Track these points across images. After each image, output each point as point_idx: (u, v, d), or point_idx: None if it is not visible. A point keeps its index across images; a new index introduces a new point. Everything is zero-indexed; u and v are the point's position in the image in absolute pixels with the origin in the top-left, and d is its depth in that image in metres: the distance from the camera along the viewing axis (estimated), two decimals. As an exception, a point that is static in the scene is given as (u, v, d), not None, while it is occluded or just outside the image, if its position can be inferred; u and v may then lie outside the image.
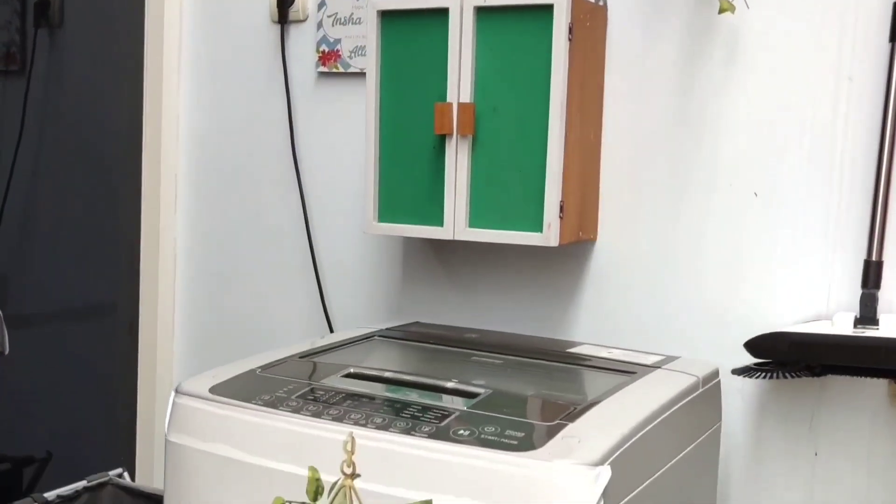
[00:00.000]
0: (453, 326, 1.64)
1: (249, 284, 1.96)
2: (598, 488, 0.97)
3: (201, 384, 1.20)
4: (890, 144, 1.32)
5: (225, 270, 1.99)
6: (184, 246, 2.03)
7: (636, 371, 1.30)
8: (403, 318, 1.74)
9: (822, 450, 1.46)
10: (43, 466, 1.98)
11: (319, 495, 1.08)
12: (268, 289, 1.93)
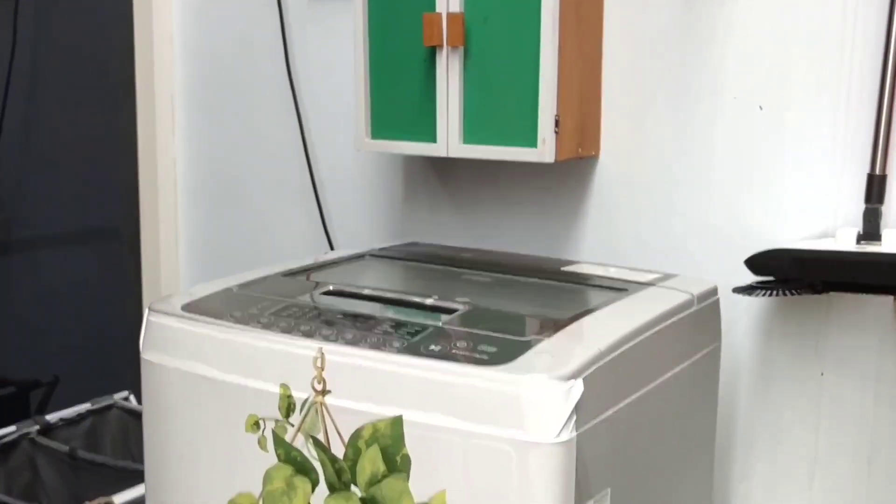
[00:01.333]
0: (450, 246, 1.62)
1: (250, 205, 1.96)
2: (570, 403, 0.95)
3: (174, 302, 1.19)
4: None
5: (225, 192, 1.99)
6: (183, 168, 2.03)
7: (628, 288, 1.27)
8: (404, 239, 1.73)
9: (828, 370, 1.43)
10: (49, 390, 2.01)
11: (291, 412, 1.07)
12: (268, 210, 1.93)
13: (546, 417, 0.95)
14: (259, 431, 1.10)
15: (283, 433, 1.08)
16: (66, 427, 1.81)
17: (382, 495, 1.03)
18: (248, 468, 1.11)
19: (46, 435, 1.76)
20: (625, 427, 1.08)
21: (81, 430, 1.83)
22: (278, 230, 1.93)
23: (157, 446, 1.19)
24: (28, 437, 1.73)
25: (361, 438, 1.03)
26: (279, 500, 1.09)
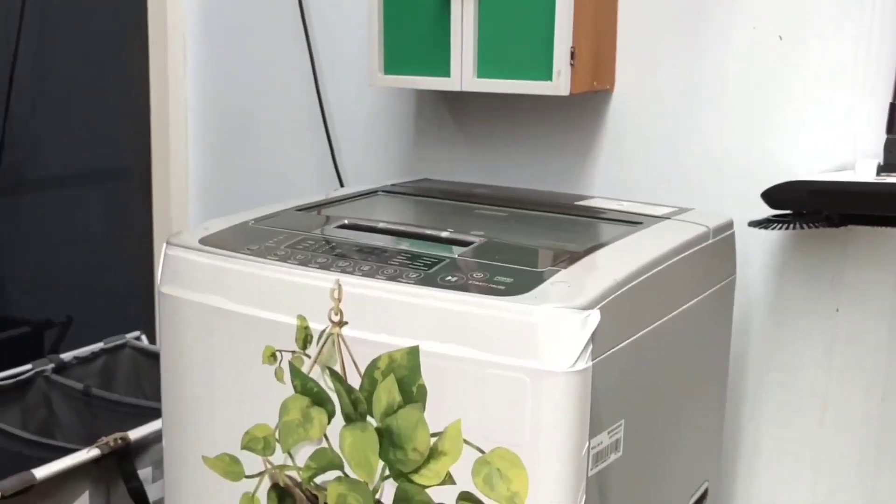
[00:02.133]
0: (462, 182, 1.63)
1: (260, 143, 1.96)
2: (586, 333, 0.96)
3: (192, 235, 1.21)
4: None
5: (235, 131, 1.99)
6: (194, 107, 2.03)
7: (643, 222, 1.28)
8: (415, 176, 1.73)
9: (843, 305, 1.44)
10: (63, 330, 2.03)
11: (308, 343, 1.09)
12: (279, 147, 1.94)
13: (562, 347, 0.96)
14: (276, 363, 1.12)
15: (299, 365, 1.10)
16: (80, 366, 1.83)
17: (398, 425, 1.05)
18: (265, 400, 1.14)
19: (61, 373, 1.79)
20: (639, 359, 1.10)
21: (94, 368, 1.86)
22: (288, 168, 1.94)
23: (175, 380, 1.22)
24: (43, 375, 1.76)
25: (378, 369, 1.05)
26: (295, 431, 1.12)
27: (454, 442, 1.02)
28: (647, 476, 1.17)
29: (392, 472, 1.06)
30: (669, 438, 1.23)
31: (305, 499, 1.13)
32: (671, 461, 1.25)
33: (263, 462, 1.15)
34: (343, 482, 1.09)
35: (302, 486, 1.13)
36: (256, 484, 1.16)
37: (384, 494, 1.07)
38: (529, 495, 0.99)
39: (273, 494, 1.15)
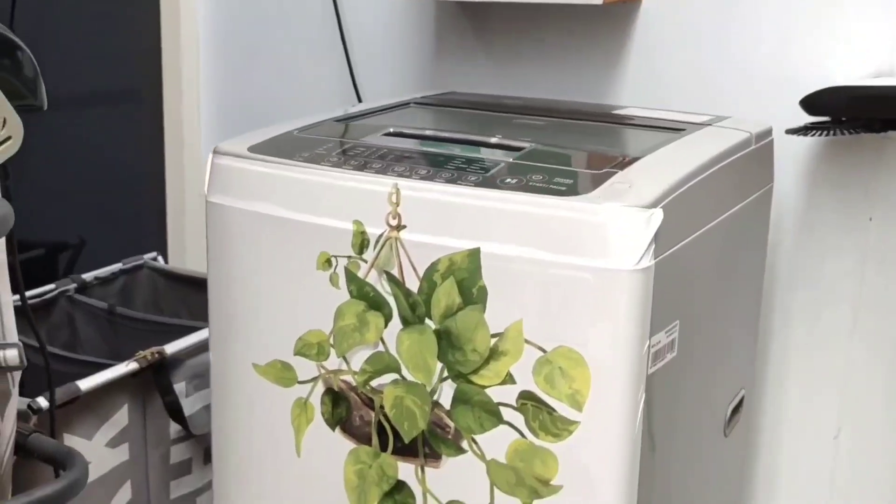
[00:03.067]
0: (492, 95, 1.64)
1: (275, 60, 1.96)
2: (650, 231, 0.99)
3: (239, 144, 1.22)
4: None
5: (250, 48, 1.99)
6: (205, 23, 2.02)
7: (686, 128, 1.30)
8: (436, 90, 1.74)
9: (876, 215, 1.48)
10: (77, 252, 2.04)
11: (365, 248, 1.11)
12: (293, 65, 1.93)
13: (627, 245, 0.99)
14: (330, 269, 1.14)
15: (355, 270, 1.12)
16: (100, 286, 1.85)
17: (457, 327, 1.08)
18: (318, 307, 1.16)
19: (83, 293, 1.80)
20: (692, 261, 1.13)
21: (114, 289, 1.88)
22: (304, 85, 1.94)
23: (223, 290, 1.24)
24: (66, 295, 1.78)
25: (437, 272, 1.07)
26: (350, 335, 1.14)
27: (515, 342, 1.05)
28: (696, 379, 1.21)
29: (450, 373, 1.09)
30: (716, 343, 1.27)
31: (361, 402, 1.16)
32: (717, 366, 1.29)
33: (317, 367, 1.18)
34: (400, 385, 1.13)
35: (357, 389, 1.16)
36: (310, 389, 1.19)
37: (442, 396, 1.10)
38: (590, 393, 1.03)
39: (327, 399, 1.18)
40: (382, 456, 1.16)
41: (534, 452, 1.06)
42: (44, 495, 0.98)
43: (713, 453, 1.36)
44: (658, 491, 1.14)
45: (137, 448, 1.48)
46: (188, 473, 1.58)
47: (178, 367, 1.52)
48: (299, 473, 1.22)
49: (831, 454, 1.58)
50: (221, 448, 1.30)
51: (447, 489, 1.13)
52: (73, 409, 1.35)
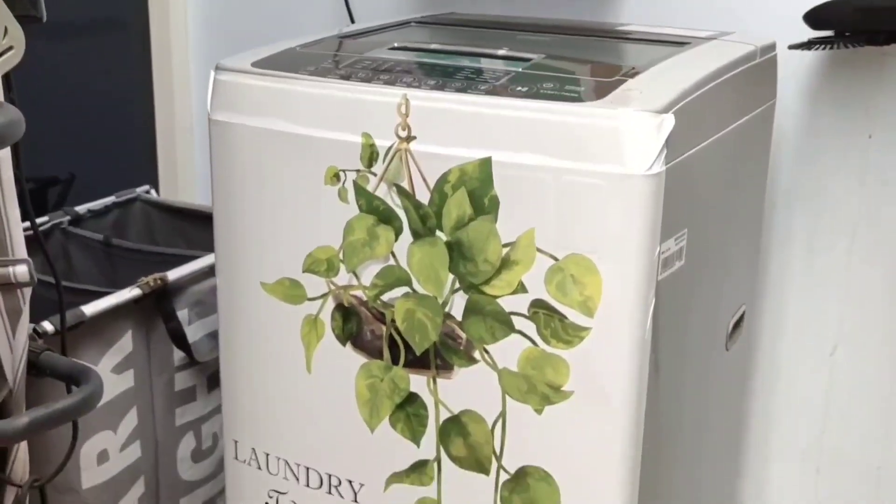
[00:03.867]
0: (493, 14, 1.64)
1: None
2: (662, 136, 1.01)
3: (242, 60, 1.22)
4: None
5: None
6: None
7: (690, 42, 1.31)
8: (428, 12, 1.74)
9: (876, 132, 1.50)
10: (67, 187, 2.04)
11: (374, 161, 1.12)
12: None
13: (639, 150, 1.00)
14: (339, 184, 1.15)
15: (364, 184, 1.13)
16: (94, 219, 1.85)
17: (469, 237, 1.09)
18: (326, 223, 1.17)
19: (76, 226, 1.81)
20: (700, 170, 1.14)
21: (108, 221, 1.88)
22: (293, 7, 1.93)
23: (229, 208, 1.25)
24: (60, 228, 1.78)
25: (448, 183, 1.09)
26: (360, 250, 1.16)
27: (527, 251, 1.07)
28: (702, 290, 1.23)
29: (462, 284, 1.11)
30: (720, 255, 1.29)
31: (371, 317, 1.18)
32: (720, 279, 1.32)
33: (326, 284, 1.19)
34: (411, 298, 1.14)
35: (368, 304, 1.17)
36: (319, 306, 1.21)
37: (454, 307, 1.12)
38: (602, 299, 1.05)
39: (337, 315, 1.20)
40: (394, 369, 1.18)
41: (545, 360, 1.09)
42: (62, 406, 0.99)
43: (715, 366, 1.39)
44: (664, 399, 1.17)
45: (142, 375, 1.50)
46: (193, 401, 1.60)
47: (181, 294, 1.54)
48: (310, 390, 1.24)
49: (827, 370, 1.61)
50: (230, 370, 1.32)
51: (459, 399, 1.15)
52: (78, 334, 1.37)
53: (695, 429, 1.34)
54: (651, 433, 1.13)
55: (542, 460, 1.13)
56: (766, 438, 1.68)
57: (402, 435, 1.20)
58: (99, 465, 1.44)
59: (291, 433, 1.28)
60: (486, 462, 1.16)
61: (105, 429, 1.44)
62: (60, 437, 1.36)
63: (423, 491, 1.21)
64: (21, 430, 0.96)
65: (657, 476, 1.18)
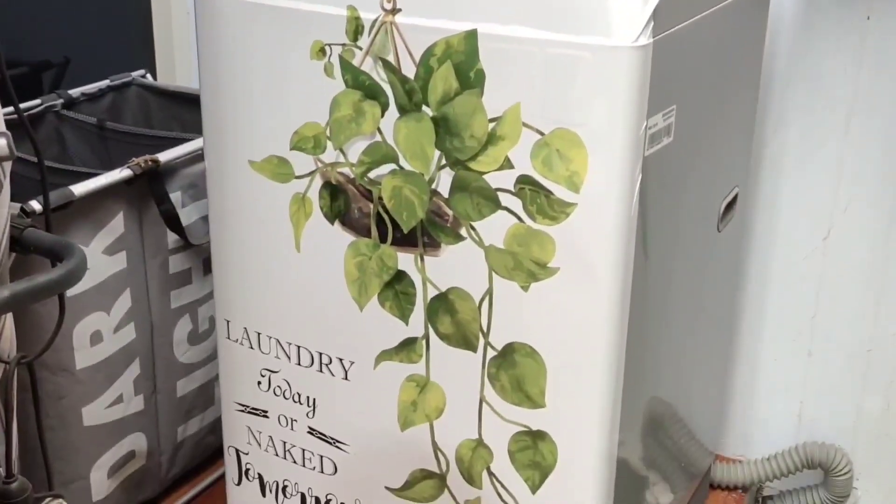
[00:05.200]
0: None
1: None
2: (649, 7, 0.98)
3: (226, -68, 1.19)
4: None
5: None
6: None
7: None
8: None
9: (874, 14, 1.46)
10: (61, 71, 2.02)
11: (359, 35, 1.10)
12: None
13: (625, 21, 0.98)
14: (324, 58, 1.13)
15: (350, 58, 1.11)
16: (88, 102, 1.83)
17: (455, 113, 1.07)
18: (313, 98, 1.15)
19: (70, 110, 1.79)
20: (690, 46, 1.12)
21: (103, 106, 1.86)
22: None
23: (215, 87, 1.23)
24: (53, 111, 1.76)
25: (433, 56, 1.06)
26: (347, 126, 1.14)
27: (513, 126, 1.05)
28: (691, 168, 1.22)
29: (448, 160, 1.09)
30: (711, 135, 1.27)
31: (359, 194, 1.17)
32: (712, 159, 1.30)
33: (314, 161, 1.18)
34: (398, 175, 1.13)
35: (355, 181, 1.16)
36: (307, 184, 1.19)
37: (440, 184, 1.11)
38: (588, 174, 1.03)
39: (325, 193, 1.19)
40: (382, 247, 1.17)
41: (531, 236, 1.08)
42: (45, 280, 0.99)
43: (707, 247, 1.38)
44: (652, 276, 1.16)
45: (135, 257, 1.49)
46: (188, 284, 1.60)
47: (173, 176, 1.53)
48: (300, 269, 1.24)
49: (821, 254, 1.61)
50: (220, 249, 1.32)
51: (446, 277, 1.15)
52: (68, 214, 1.36)
53: (685, 309, 1.34)
54: (638, 311, 1.13)
55: (528, 337, 1.13)
56: (759, 321, 1.68)
57: (390, 313, 1.20)
58: (92, 345, 1.44)
59: (282, 312, 1.28)
60: (474, 339, 1.16)
61: (98, 310, 1.44)
62: (50, 318, 1.37)
63: (411, 368, 1.21)
64: (3, 302, 0.95)
65: (644, 353, 1.19)
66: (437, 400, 1.21)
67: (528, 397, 1.15)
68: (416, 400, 1.22)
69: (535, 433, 1.16)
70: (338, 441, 1.30)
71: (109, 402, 1.49)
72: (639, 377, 1.18)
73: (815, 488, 1.70)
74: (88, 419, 1.46)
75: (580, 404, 1.13)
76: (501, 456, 1.19)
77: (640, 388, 1.21)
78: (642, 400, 1.24)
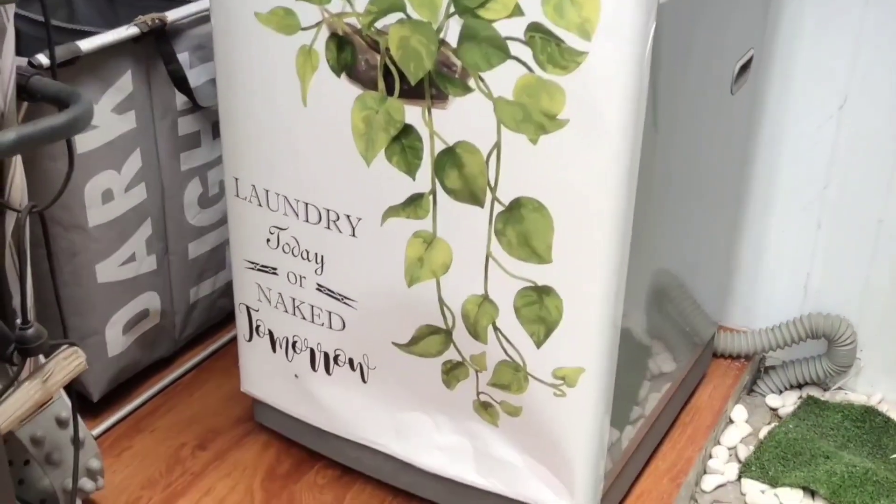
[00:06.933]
0: None
1: None
2: None
3: None
4: None
5: None
6: None
7: None
8: None
9: None
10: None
11: None
12: None
13: None
14: None
15: None
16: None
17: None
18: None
19: (78, -28, 1.74)
20: None
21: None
22: None
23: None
24: (61, -28, 1.71)
25: None
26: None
27: (523, -29, 1.00)
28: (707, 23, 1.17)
29: (457, 8, 1.05)
30: (727, -11, 1.22)
31: (366, 45, 1.13)
32: (728, 17, 1.25)
33: (320, 11, 1.14)
34: (405, 24, 1.09)
35: (362, 32, 1.12)
36: (313, 35, 1.16)
37: (448, 34, 1.07)
38: (600, 21, 0.99)
39: (331, 44, 1.15)
40: (389, 100, 1.14)
41: (541, 86, 1.04)
42: (51, 123, 0.96)
43: (720, 108, 1.34)
44: (662, 132, 1.13)
45: (144, 117, 1.46)
46: (197, 146, 1.57)
47: (181, 36, 1.48)
48: (307, 124, 1.21)
49: (835, 123, 1.56)
50: (228, 106, 1.29)
51: (454, 130, 1.12)
52: (76, 70, 1.33)
53: (695, 169, 1.31)
54: (647, 165, 1.10)
55: (536, 191, 1.10)
56: (769, 191, 1.65)
57: (397, 168, 1.17)
58: (104, 203, 1.43)
59: (289, 169, 1.26)
60: (481, 194, 1.13)
61: (108, 168, 1.42)
62: (60, 174, 1.34)
63: (418, 224, 1.19)
64: (10, 144, 0.93)
65: (651, 211, 1.16)
66: (443, 256, 1.19)
67: (535, 253, 1.13)
68: (423, 256, 1.20)
69: (540, 288, 1.15)
70: (345, 297, 1.29)
71: (122, 260, 1.48)
72: (645, 234, 1.16)
73: (817, 359, 1.69)
74: (102, 276, 1.46)
75: (587, 259, 1.11)
76: (507, 311, 1.18)
77: (644, 255, 1.19)
78: (647, 268, 1.22)
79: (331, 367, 1.35)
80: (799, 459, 1.53)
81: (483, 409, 1.27)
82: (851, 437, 1.60)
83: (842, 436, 1.60)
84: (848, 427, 1.61)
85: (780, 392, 1.73)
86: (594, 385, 1.18)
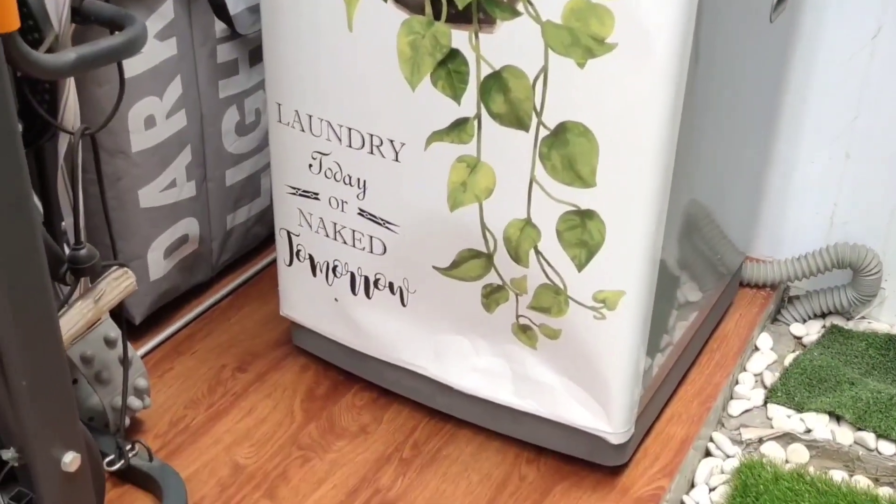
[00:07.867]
0: None
1: None
2: None
3: None
4: None
5: None
6: None
7: None
8: None
9: None
10: None
11: None
12: None
13: None
14: None
15: None
16: None
17: None
18: None
19: None
20: None
21: None
22: None
23: None
24: None
25: None
26: None
27: None
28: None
29: (507, -69, 1.04)
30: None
31: (414, -31, 1.12)
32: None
33: (368, -65, 1.13)
34: (455, -53, 1.08)
35: (410, -44, 1.11)
36: (361, -41, 1.15)
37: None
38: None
39: (379, -32, 1.14)
40: (436, 24, 1.14)
41: (590, 10, 1.04)
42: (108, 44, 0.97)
43: (758, 37, 1.33)
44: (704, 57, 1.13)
45: (185, 44, 1.46)
46: (235, 74, 1.57)
47: (220, -38, 1.47)
48: (352, 49, 1.21)
49: (868, 53, 1.55)
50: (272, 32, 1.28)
51: (501, 55, 1.12)
52: (120, -5, 1.32)
53: (731, 98, 1.31)
54: (689, 92, 1.10)
55: (582, 115, 1.10)
56: (798, 122, 1.64)
57: (442, 93, 1.17)
58: (146, 129, 1.43)
59: (333, 94, 1.26)
60: (526, 118, 1.14)
61: (151, 94, 1.42)
62: (107, 99, 1.35)
63: (462, 149, 1.19)
64: (69, 64, 0.93)
65: (691, 139, 1.16)
66: (486, 180, 1.20)
67: (579, 177, 1.13)
68: (466, 180, 1.21)
69: (583, 212, 1.15)
70: (387, 222, 1.30)
71: (164, 185, 1.49)
72: (687, 159, 1.16)
73: (842, 288, 1.70)
74: (144, 201, 1.46)
75: (630, 184, 1.12)
76: (549, 235, 1.19)
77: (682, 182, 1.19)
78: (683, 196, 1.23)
79: (371, 290, 1.37)
80: (824, 386, 1.55)
81: (522, 332, 1.29)
82: (876, 364, 1.61)
83: (866, 363, 1.61)
84: (872, 355, 1.63)
85: (804, 321, 1.74)
86: (633, 308, 1.19)
